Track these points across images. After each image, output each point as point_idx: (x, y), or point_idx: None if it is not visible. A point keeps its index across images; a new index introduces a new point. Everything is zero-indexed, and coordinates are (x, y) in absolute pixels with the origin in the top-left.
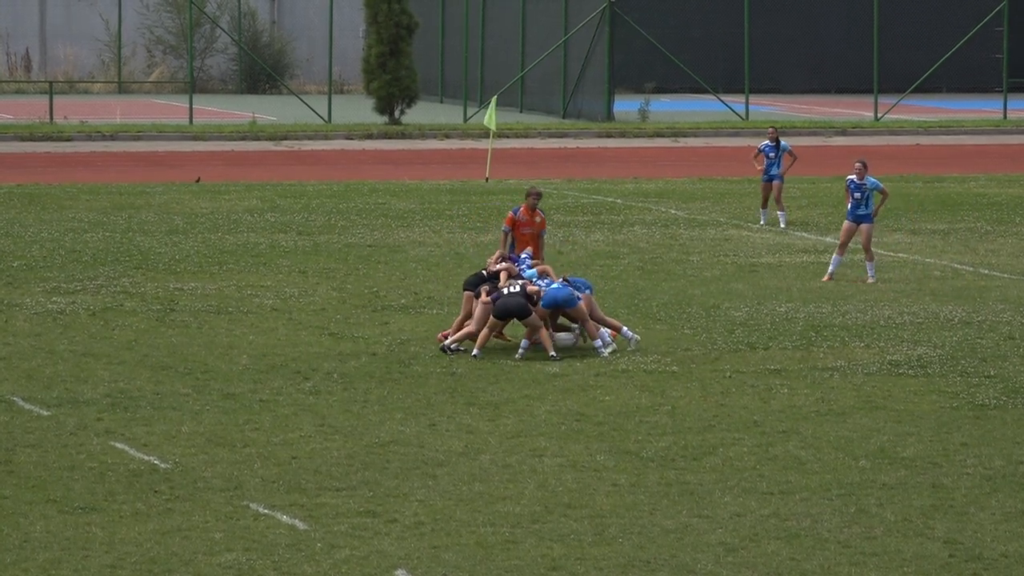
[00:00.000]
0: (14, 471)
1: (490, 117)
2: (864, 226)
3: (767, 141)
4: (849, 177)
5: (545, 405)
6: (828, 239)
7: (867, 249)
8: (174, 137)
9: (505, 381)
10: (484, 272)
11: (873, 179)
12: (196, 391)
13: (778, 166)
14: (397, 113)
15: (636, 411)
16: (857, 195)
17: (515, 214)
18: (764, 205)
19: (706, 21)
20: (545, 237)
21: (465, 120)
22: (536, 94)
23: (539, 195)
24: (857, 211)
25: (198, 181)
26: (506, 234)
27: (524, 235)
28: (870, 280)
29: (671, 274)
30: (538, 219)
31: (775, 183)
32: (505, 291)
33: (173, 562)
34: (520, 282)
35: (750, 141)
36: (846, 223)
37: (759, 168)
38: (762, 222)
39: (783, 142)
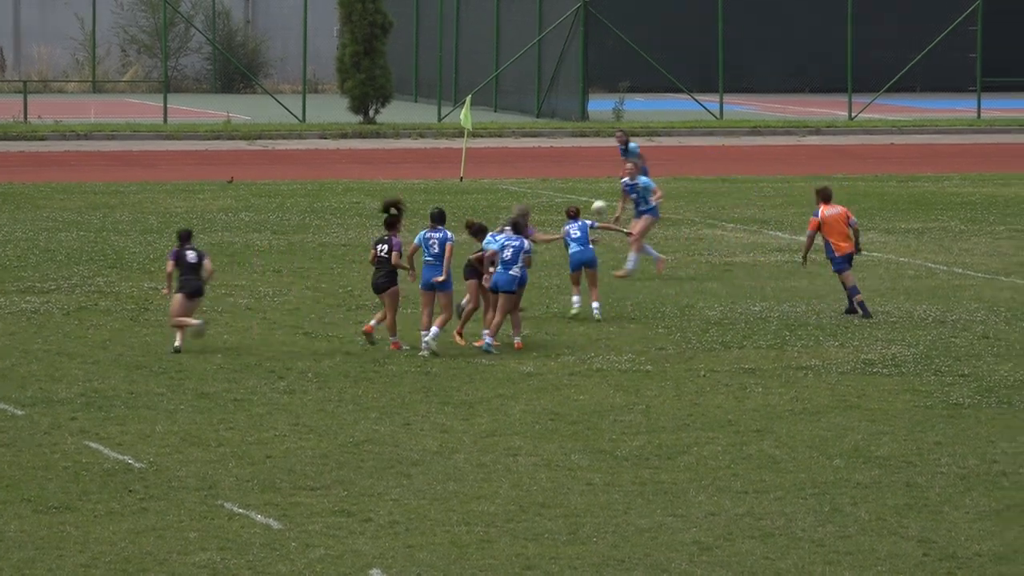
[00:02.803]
0: None
1: (465, 116)
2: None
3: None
4: (623, 179)
5: (519, 404)
6: (802, 238)
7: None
8: (148, 136)
9: (479, 380)
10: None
11: (645, 179)
12: (170, 390)
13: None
14: (371, 112)
15: (610, 410)
16: (633, 196)
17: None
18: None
19: (680, 20)
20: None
21: (439, 119)
22: (510, 93)
23: (820, 191)
24: (639, 208)
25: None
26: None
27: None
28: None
29: (645, 273)
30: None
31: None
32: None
33: (147, 561)
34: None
35: (725, 140)
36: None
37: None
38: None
39: (632, 144)
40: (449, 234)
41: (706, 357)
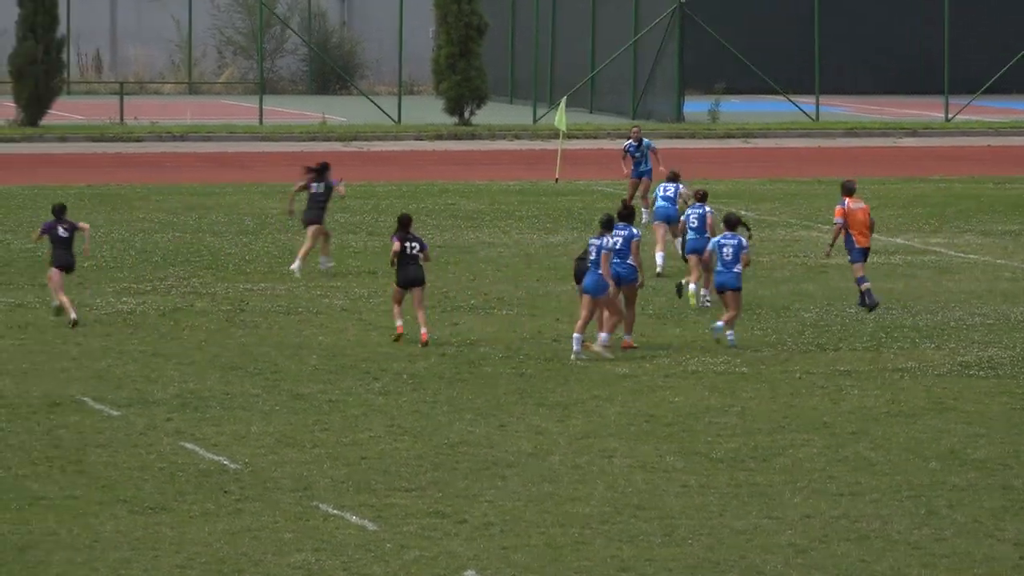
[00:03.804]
0: (84, 471)
1: (560, 118)
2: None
3: (631, 141)
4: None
5: (614, 406)
6: (899, 240)
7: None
8: (244, 138)
9: (575, 382)
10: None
11: (648, 140)
12: (266, 391)
13: (646, 163)
14: (467, 114)
15: (706, 412)
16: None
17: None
18: (630, 201)
19: (776, 21)
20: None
21: (535, 121)
22: (606, 95)
23: (844, 185)
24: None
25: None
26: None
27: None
28: None
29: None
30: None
31: (644, 179)
32: None
33: (242, 562)
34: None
35: (821, 142)
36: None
37: (627, 171)
38: None
39: (646, 140)
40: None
41: (802, 359)
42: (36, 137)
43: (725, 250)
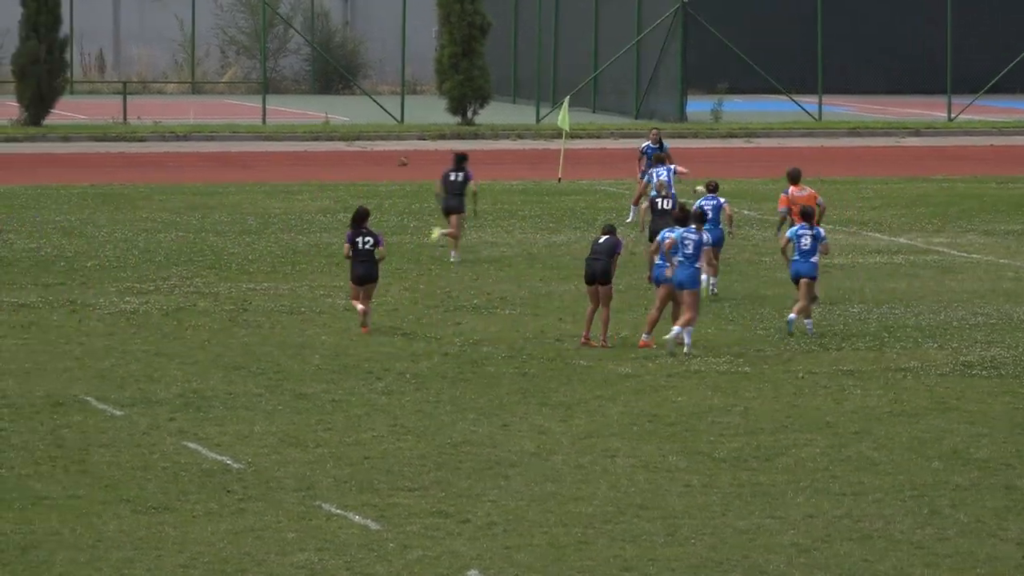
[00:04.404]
0: (87, 471)
1: (563, 118)
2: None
3: (648, 142)
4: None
5: (617, 406)
6: (901, 240)
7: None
8: (247, 137)
9: (577, 382)
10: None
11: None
12: (269, 391)
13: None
14: (470, 113)
15: (709, 412)
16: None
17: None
18: (636, 202)
19: (779, 21)
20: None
21: (538, 120)
22: (609, 94)
23: (789, 173)
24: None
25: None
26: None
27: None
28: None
29: (744, 275)
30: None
31: None
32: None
33: (246, 562)
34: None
35: (823, 141)
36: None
37: (641, 168)
38: (630, 219)
39: (665, 144)
40: (705, 236)
41: (804, 359)
42: (39, 137)
43: (803, 240)
